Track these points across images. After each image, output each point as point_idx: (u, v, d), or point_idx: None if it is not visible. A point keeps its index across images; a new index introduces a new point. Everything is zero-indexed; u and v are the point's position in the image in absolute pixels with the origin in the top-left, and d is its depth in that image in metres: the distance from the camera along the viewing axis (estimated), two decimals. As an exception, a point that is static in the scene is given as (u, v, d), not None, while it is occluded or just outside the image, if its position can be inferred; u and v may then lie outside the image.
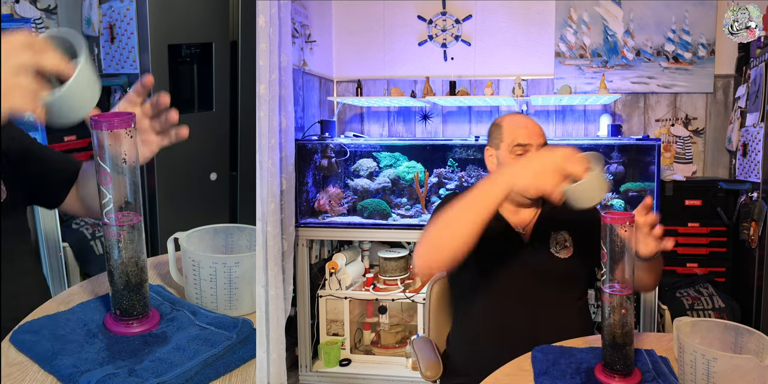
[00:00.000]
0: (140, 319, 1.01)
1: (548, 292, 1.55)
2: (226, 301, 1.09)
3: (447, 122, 3.48)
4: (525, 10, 3.35)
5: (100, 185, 0.96)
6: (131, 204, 0.97)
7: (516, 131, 1.58)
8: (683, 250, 2.88)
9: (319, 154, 3.06)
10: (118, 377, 0.87)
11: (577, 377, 1.17)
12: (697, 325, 1.19)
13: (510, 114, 1.70)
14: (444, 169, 3.10)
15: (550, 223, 1.60)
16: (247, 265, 1.08)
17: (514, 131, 1.58)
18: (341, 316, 2.92)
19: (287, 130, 2.53)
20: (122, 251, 0.97)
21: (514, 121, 1.62)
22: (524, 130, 1.58)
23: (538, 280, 1.55)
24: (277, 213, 2.37)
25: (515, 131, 1.58)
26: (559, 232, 1.58)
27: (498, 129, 1.63)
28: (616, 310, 1.14)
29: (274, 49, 2.34)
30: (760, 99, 2.70)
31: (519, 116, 1.65)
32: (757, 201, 2.60)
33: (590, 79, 3.30)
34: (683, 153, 3.26)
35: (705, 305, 2.68)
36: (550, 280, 1.56)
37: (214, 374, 0.92)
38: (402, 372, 2.85)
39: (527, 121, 1.61)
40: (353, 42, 3.52)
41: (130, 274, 0.98)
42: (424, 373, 1.59)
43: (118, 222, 0.96)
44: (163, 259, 1.36)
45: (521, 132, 1.57)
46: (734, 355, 1.09)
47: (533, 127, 1.59)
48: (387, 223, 2.90)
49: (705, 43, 3.19)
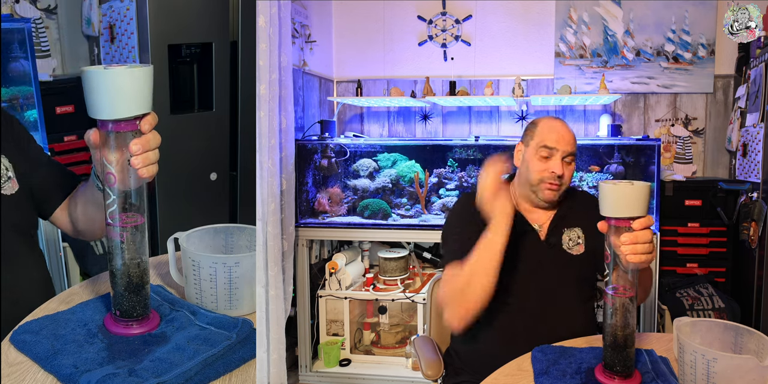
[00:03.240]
0: (140, 320, 1.01)
1: (555, 292, 1.55)
2: (226, 301, 1.09)
3: (447, 122, 3.48)
4: (525, 10, 3.35)
5: (105, 186, 0.95)
6: (135, 205, 0.97)
7: (547, 134, 1.60)
8: (683, 250, 2.88)
9: (319, 154, 3.06)
10: (118, 377, 0.87)
11: (577, 377, 1.17)
12: (697, 325, 1.19)
13: (549, 117, 1.72)
14: (444, 169, 3.09)
15: (565, 221, 1.62)
16: (247, 265, 1.08)
17: (546, 133, 1.60)
18: (341, 316, 2.92)
19: (287, 130, 2.53)
20: (125, 252, 0.97)
21: (549, 124, 1.63)
22: (555, 135, 1.59)
23: (546, 278, 1.55)
24: (277, 213, 2.37)
25: (546, 133, 1.60)
26: (572, 229, 1.60)
27: (533, 127, 1.65)
28: (618, 312, 1.14)
29: (274, 49, 2.34)
30: (760, 99, 2.70)
31: (556, 120, 1.66)
32: (757, 201, 2.60)
33: (590, 79, 3.30)
34: (683, 153, 3.26)
35: (705, 305, 2.68)
36: (561, 278, 1.56)
37: (214, 374, 0.92)
38: (402, 372, 2.85)
39: (562, 126, 1.63)
40: (353, 42, 3.52)
41: (132, 275, 0.98)
42: (425, 372, 1.59)
43: (122, 223, 0.96)
44: (163, 259, 1.36)
45: (552, 135, 1.59)
46: (734, 355, 1.09)
47: (565, 133, 1.61)
48: (387, 223, 2.90)
49: (705, 43, 3.19)
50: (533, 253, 1.57)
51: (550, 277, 1.56)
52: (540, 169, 1.58)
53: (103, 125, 0.92)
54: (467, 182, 3.02)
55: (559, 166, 1.57)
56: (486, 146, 3.04)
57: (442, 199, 3.01)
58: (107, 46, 2.94)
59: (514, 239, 1.56)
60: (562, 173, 1.57)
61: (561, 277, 1.56)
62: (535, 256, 1.57)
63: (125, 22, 2.82)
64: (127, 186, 0.95)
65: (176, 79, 2.93)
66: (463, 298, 1.40)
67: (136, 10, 2.74)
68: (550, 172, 1.57)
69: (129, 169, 0.94)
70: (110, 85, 0.87)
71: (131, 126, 0.92)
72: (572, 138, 1.62)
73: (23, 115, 2.57)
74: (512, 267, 1.55)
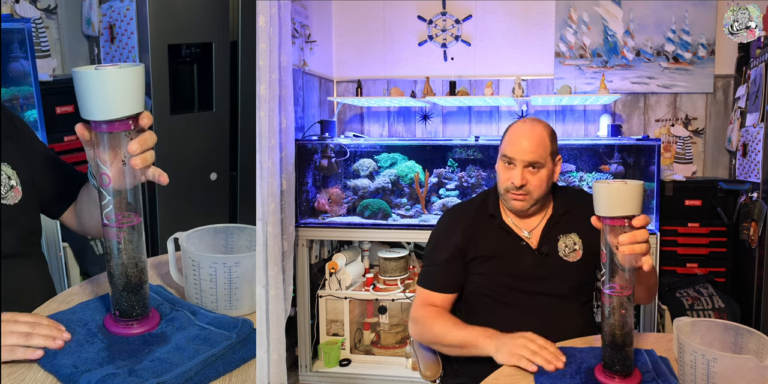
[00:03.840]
0: (140, 320, 1.01)
1: (554, 296, 1.55)
2: (226, 301, 1.09)
3: (447, 122, 3.48)
4: (525, 10, 3.35)
5: (100, 187, 0.95)
6: (131, 205, 0.97)
7: (508, 142, 1.55)
8: (683, 250, 2.88)
9: (319, 154, 3.06)
10: (118, 377, 0.87)
11: (577, 377, 1.17)
12: (697, 325, 1.19)
13: (523, 120, 1.62)
14: (444, 169, 3.10)
15: (558, 228, 1.59)
16: (247, 265, 1.08)
17: (507, 141, 1.56)
18: (341, 316, 2.92)
19: (287, 130, 2.53)
20: (122, 252, 0.97)
21: (515, 131, 1.57)
22: (514, 144, 1.53)
23: (544, 284, 1.55)
24: (277, 213, 2.37)
25: (508, 142, 1.56)
26: (568, 235, 1.58)
27: (504, 133, 1.60)
28: (615, 311, 1.14)
29: (274, 49, 2.34)
30: (760, 99, 2.70)
31: (525, 125, 1.57)
32: (757, 201, 2.60)
33: (590, 79, 3.30)
34: (683, 153, 3.26)
35: (705, 305, 2.68)
36: (558, 284, 1.55)
37: (214, 374, 0.92)
38: (402, 372, 2.85)
39: (525, 133, 1.54)
40: (353, 42, 3.52)
41: (130, 275, 0.98)
42: (423, 372, 1.59)
43: (118, 223, 0.96)
44: (163, 259, 1.36)
45: (511, 145, 1.54)
46: (734, 355, 1.09)
47: (527, 142, 1.52)
48: (387, 223, 2.90)
49: (705, 43, 3.19)
50: (525, 263, 1.56)
51: (546, 286, 1.55)
52: (504, 178, 1.55)
53: (96, 126, 0.91)
54: (467, 182, 3.03)
55: (518, 177, 1.51)
56: (486, 146, 3.04)
57: (442, 199, 3.01)
58: (107, 46, 2.94)
59: (505, 251, 1.56)
60: (521, 184, 1.51)
61: (558, 284, 1.55)
62: (528, 267, 1.55)
63: (125, 22, 2.82)
64: (123, 186, 0.95)
65: (176, 79, 2.93)
66: (429, 343, 1.58)
67: (136, 10, 2.74)
68: (510, 182, 1.53)
69: (124, 169, 0.94)
70: (101, 86, 0.87)
71: (124, 126, 0.91)
72: (535, 146, 1.52)
73: (23, 115, 2.57)
74: (507, 279, 1.55)
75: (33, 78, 2.53)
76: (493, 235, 1.59)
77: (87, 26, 3.04)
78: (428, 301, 1.58)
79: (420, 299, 1.60)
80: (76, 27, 3.15)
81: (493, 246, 1.58)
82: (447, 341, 1.48)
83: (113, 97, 0.88)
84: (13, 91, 2.56)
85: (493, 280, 1.56)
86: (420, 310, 1.58)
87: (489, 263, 1.57)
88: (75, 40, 3.16)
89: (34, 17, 2.97)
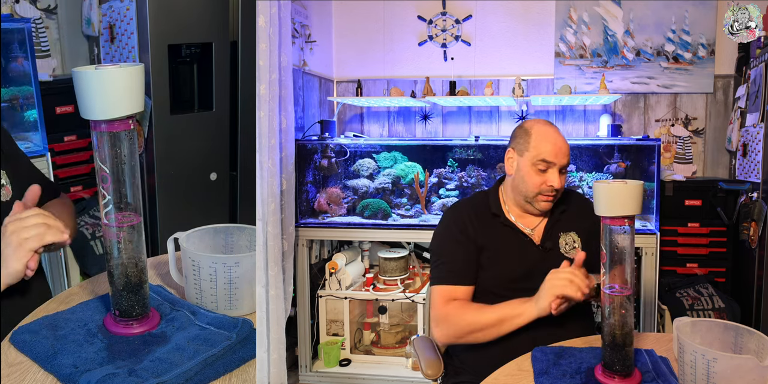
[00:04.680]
0: (140, 319, 1.01)
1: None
2: (226, 301, 1.09)
3: (447, 122, 3.48)
4: (525, 10, 3.35)
5: (100, 186, 0.95)
6: (131, 205, 0.97)
7: (544, 146, 1.54)
8: (683, 250, 2.88)
9: (319, 154, 3.06)
10: (118, 377, 0.87)
11: (577, 377, 1.17)
12: (697, 325, 1.19)
13: (540, 122, 1.62)
14: (444, 169, 3.10)
15: (559, 226, 1.61)
16: (247, 265, 1.08)
17: (542, 145, 1.54)
18: (341, 316, 2.92)
19: (287, 130, 2.53)
20: (122, 252, 0.97)
21: (544, 134, 1.56)
22: (552, 147, 1.54)
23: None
24: (277, 213, 2.37)
25: (543, 146, 1.54)
26: (568, 234, 1.60)
27: (526, 136, 1.58)
28: (615, 311, 1.14)
29: (274, 49, 2.34)
30: (760, 99, 2.70)
31: (549, 128, 1.58)
32: (757, 201, 2.60)
33: (590, 79, 3.29)
34: (683, 153, 3.26)
35: (705, 305, 2.68)
36: None
37: (214, 374, 0.92)
38: (402, 372, 2.85)
39: (556, 136, 1.56)
40: (353, 42, 3.52)
41: (129, 274, 0.98)
42: (425, 371, 1.59)
43: (118, 223, 0.96)
44: (163, 259, 1.36)
45: (549, 148, 1.54)
46: (734, 355, 1.09)
47: (562, 145, 1.55)
48: (387, 223, 2.90)
49: (705, 43, 3.19)
50: (529, 258, 1.57)
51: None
52: (537, 182, 1.55)
53: (96, 126, 0.92)
54: (467, 182, 3.02)
55: (557, 180, 1.53)
56: (486, 146, 3.04)
57: (442, 199, 3.01)
58: (107, 46, 2.94)
59: (510, 246, 1.57)
60: (560, 186, 1.55)
61: None
62: (532, 262, 1.57)
63: (125, 22, 2.82)
64: (123, 185, 0.95)
65: (176, 79, 2.93)
66: (463, 336, 1.50)
67: (136, 10, 2.74)
68: (548, 186, 1.54)
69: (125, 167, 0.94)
70: (101, 86, 0.87)
71: (124, 125, 0.92)
72: (568, 148, 1.56)
73: (23, 115, 2.57)
74: (510, 273, 1.56)
75: (33, 78, 2.53)
76: (497, 232, 1.60)
77: (87, 26, 3.04)
78: (450, 297, 1.54)
79: (440, 298, 1.55)
80: (76, 27, 3.15)
81: (498, 241, 1.59)
82: (483, 322, 1.45)
83: (113, 97, 0.88)
84: (13, 91, 2.56)
85: (497, 275, 1.57)
86: (443, 308, 1.53)
87: (494, 258, 1.58)
88: (75, 40, 3.16)
89: (34, 17, 2.97)
